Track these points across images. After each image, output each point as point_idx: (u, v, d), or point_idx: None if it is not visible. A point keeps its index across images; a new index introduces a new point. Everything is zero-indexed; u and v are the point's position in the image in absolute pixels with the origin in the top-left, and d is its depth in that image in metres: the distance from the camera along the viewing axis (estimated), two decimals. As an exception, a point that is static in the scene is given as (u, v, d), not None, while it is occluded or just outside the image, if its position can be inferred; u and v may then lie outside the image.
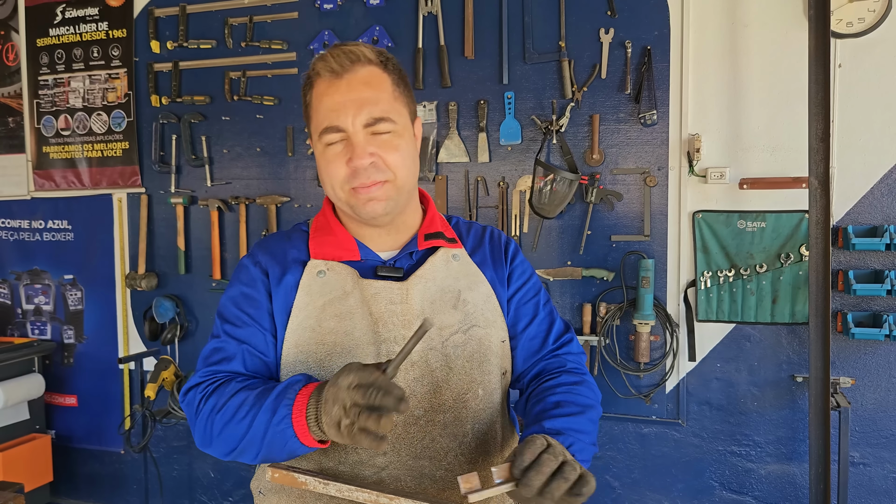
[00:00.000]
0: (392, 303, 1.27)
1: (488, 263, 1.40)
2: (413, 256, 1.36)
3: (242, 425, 1.15)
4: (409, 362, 1.25)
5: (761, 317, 2.74)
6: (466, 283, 1.35)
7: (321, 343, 1.26)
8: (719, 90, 2.74)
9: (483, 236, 1.45)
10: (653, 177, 2.81)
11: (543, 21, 2.92)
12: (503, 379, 1.37)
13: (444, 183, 3.05)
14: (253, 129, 3.31)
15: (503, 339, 1.37)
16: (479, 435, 1.30)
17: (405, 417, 1.25)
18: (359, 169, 1.22)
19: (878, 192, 2.62)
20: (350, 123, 1.22)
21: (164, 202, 3.47)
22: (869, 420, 2.68)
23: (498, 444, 1.34)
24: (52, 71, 3.63)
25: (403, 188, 1.29)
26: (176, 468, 3.60)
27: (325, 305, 1.28)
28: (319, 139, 1.26)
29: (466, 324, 1.31)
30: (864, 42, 2.59)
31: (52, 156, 3.65)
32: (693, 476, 2.88)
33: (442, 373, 1.27)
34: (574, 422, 1.22)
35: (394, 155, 1.25)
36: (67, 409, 3.75)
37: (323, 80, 1.25)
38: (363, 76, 1.24)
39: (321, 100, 1.25)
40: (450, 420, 1.27)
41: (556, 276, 2.95)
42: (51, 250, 3.72)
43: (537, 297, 1.43)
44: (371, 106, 1.23)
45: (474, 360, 1.30)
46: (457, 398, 1.28)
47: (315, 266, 1.31)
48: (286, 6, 3.22)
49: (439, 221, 1.42)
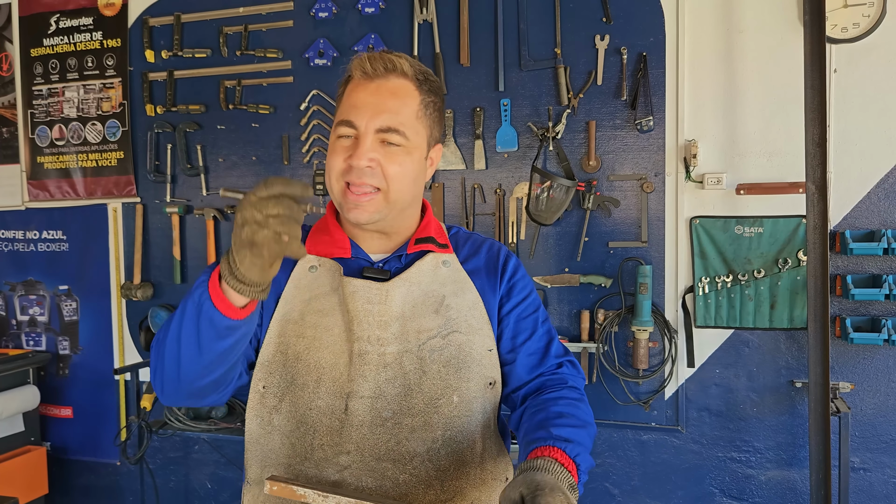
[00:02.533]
0: (369, 302, 1.27)
1: (481, 273, 1.39)
2: (402, 260, 1.35)
3: (173, 332, 1.11)
4: (382, 363, 1.26)
5: (760, 322, 2.74)
6: (452, 290, 1.34)
7: (301, 336, 1.28)
8: (715, 96, 2.75)
9: (480, 247, 1.44)
10: (650, 183, 2.81)
11: (539, 28, 2.92)
12: (490, 389, 1.34)
13: (441, 191, 3.05)
14: (248, 138, 3.31)
15: (489, 347, 1.35)
16: (451, 443, 1.28)
17: (372, 418, 1.24)
18: (355, 168, 1.23)
19: (876, 196, 2.62)
20: (364, 124, 1.23)
21: (159, 212, 3.46)
22: (869, 425, 2.67)
23: (477, 456, 1.32)
24: (46, 81, 3.61)
25: (395, 204, 1.28)
26: (172, 479, 3.57)
27: (311, 300, 1.30)
28: (334, 131, 1.28)
29: (447, 329, 1.30)
30: (860, 47, 2.60)
31: (46, 166, 3.64)
32: (693, 483, 2.87)
33: (415, 376, 1.27)
34: (578, 434, 1.21)
35: (394, 167, 1.25)
36: (63, 421, 3.72)
37: (356, 79, 1.28)
38: (392, 86, 1.26)
39: (349, 95, 1.28)
40: (419, 424, 1.26)
41: (553, 283, 2.94)
42: (45, 261, 3.69)
43: (536, 314, 1.42)
44: (389, 114, 1.24)
45: (451, 366, 1.29)
46: (428, 402, 1.27)
47: (308, 261, 1.33)
48: (281, 15, 3.22)
49: (434, 228, 1.41)
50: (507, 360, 1.38)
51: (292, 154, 3.24)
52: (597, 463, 2.95)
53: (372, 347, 1.26)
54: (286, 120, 3.24)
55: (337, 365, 1.26)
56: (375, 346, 1.26)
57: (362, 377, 1.25)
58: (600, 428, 2.93)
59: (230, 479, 3.48)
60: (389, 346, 1.27)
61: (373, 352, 1.26)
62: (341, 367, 1.26)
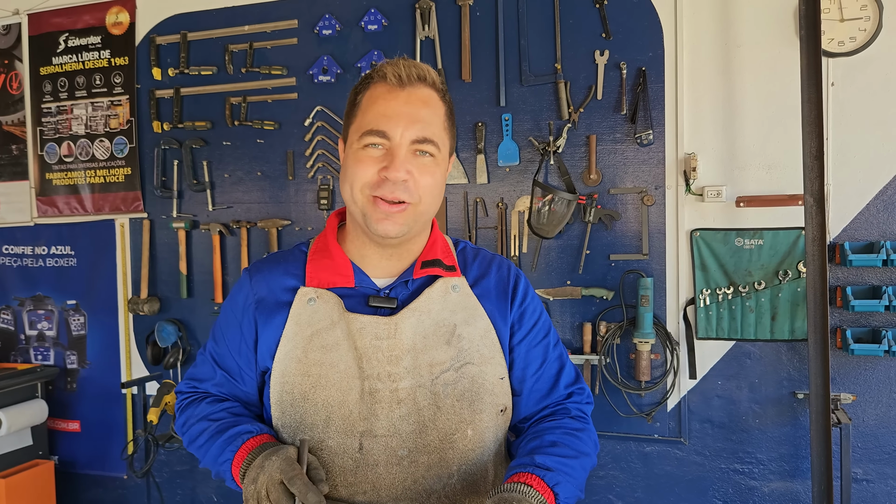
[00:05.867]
0: (378, 338, 1.24)
1: (491, 297, 1.34)
2: (409, 285, 1.31)
3: (201, 451, 1.32)
4: (395, 399, 1.23)
5: (761, 334, 2.75)
6: (463, 317, 1.29)
7: (306, 375, 1.25)
8: (714, 109, 2.77)
9: (489, 267, 1.39)
10: (650, 196, 2.83)
11: (539, 44, 2.95)
12: (501, 416, 1.31)
13: (444, 204, 3.08)
14: (254, 154, 3.35)
15: (501, 375, 1.31)
16: (466, 476, 1.26)
17: (387, 457, 1.23)
18: (390, 181, 1.19)
19: (874, 208, 2.64)
20: (399, 134, 1.20)
21: (166, 227, 3.50)
22: (871, 436, 2.67)
23: (489, 483, 1.29)
24: (55, 98, 3.67)
25: (424, 215, 1.26)
26: (179, 493, 3.59)
27: (313, 336, 1.26)
28: (358, 140, 1.23)
29: (459, 361, 1.26)
30: (856, 61, 2.62)
31: (55, 182, 3.69)
32: (696, 495, 2.87)
33: (430, 412, 1.24)
34: (566, 464, 1.19)
35: (428, 179, 1.23)
36: (70, 435, 3.75)
37: (383, 85, 1.23)
38: (424, 95, 1.23)
39: (374, 102, 1.23)
40: (435, 461, 1.24)
41: (555, 296, 2.96)
42: (54, 276, 3.74)
43: (547, 339, 1.38)
44: (424, 125, 1.21)
45: (465, 400, 1.25)
46: (443, 438, 1.24)
47: (305, 294, 1.29)
48: (286, 32, 3.26)
49: (440, 247, 1.36)
50: (517, 391, 1.35)
51: (297, 169, 3.27)
52: (600, 475, 2.96)
53: (383, 385, 1.23)
54: (291, 136, 3.28)
55: (346, 403, 1.23)
56: (387, 382, 1.23)
57: (374, 416, 1.22)
58: (603, 440, 2.94)
59: (237, 493, 3.46)
60: (402, 382, 1.24)
61: (384, 389, 1.23)
62: (350, 405, 1.23)
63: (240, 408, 1.37)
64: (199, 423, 1.34)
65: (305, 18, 3.23)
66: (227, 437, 1.26)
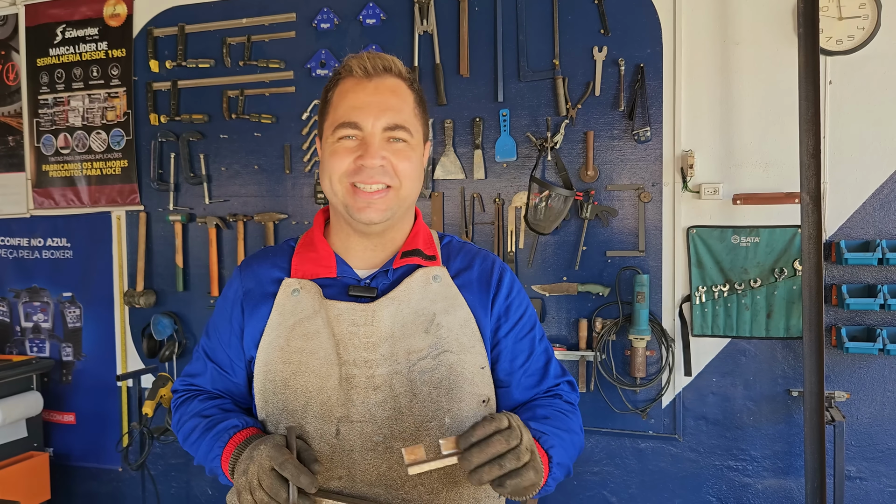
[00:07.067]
0: (355, 325, 1.26)
1: (473, 288, 1.35)
2: (390, 275, 1.33)
3: (193, 449, 1.35)
4: (371, 385, 1.25)
5: (756, 331, 2.75)
6: (443, 306, 1.31)
7: (287, 362, 1.28)
8: (712, 107, 2.78)
9: (473, 259, 1.40)
10: (647, 193, 2.83)
11: (538, 40, 2.95)
12: (483, 407, 1.31)
13: (441, 200, 3.08)
14: (251, 148, 3.34)
15: (482, 365, 1.32)
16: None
17: (362, 443, 1.24)
18: (367, 168, 1.22)
19: (870, 206, 2.64)
20: (370, 124, 1.23)
21: (162, 220, 3.49)
22: (864, 434, 2.68)
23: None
24: (51, 90, 3.66)
25: (406, 200, 1.29)
26: (174, 486, 3.59)
27: (296, 325, 1.29)
28: (332, 134, 1.26)
29: (437, 349, 1.27)
30: (854, 59, 2.62)
31: (51, 174, 3.68)
32: (690, 491, 2.88)
33: (405, 399, 1.25)
34: (558, 434, 1.21)
35: (405, 164, 1.26)
36: (65, 427, 3.75)
37: (350, 79, 1.27)
38: (391, 84, 1.27)
39: (344, 95, 1.26)
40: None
41: (551, 292, 2.96)
42: (50, 268, 3.73)
43: (533, 332, 1.40)
44: (394, 112, 1.25)
45: (442, 388, 1.26)
46: (419, 426, 1.25)
47: (289, 285, 1.32)
48: (284, 26, 3.26)
49: (423, 238, 1.38)
50: (505, 383, 1.36)
51: (294, 163, 3.27)
52: (594, 471, 2.97)
53: (360, 371, 1.25)
54: (288, 129, 3.27)
55: (324, 389, 1.25)
56: (363, 368, 1.25)
57: (351, 402, 1.24)
58: (598, 436, 2.94)
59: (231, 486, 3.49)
60: (379, 368, 1.25)
61: (360, 375, 1.25)
62: (329, 391, 1.25)
63: (231, 404, 1.40)
64: (190, 420, 1.36)
65: (303, 12, 3.23)
66: (216, 433, 1.27)
